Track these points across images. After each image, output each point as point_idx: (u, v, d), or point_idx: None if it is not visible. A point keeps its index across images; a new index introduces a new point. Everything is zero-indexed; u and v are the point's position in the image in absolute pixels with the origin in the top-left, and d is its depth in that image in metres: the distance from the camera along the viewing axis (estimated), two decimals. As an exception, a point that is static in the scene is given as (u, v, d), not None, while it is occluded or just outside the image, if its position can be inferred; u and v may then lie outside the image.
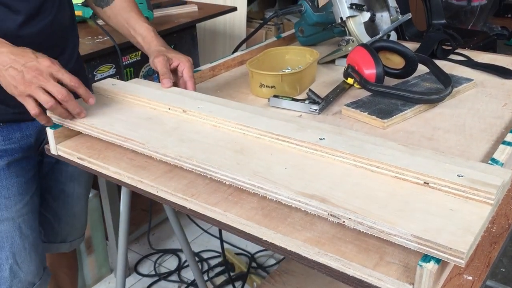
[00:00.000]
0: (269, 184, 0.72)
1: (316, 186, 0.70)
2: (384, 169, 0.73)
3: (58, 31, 1.10)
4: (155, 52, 1.07)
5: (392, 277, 0.61)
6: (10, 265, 1.15)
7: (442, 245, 0.58)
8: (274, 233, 0.70)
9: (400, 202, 0.66)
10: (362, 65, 1.10)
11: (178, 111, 0.95)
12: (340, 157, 0.77)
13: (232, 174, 0.76)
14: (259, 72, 1.14)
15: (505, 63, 1.25)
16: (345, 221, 0.65)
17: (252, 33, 1.45)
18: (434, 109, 1.04)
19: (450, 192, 0.67)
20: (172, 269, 2.08)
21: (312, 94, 1.08)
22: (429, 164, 0.71)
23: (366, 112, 1.00)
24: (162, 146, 0.85)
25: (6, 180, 1.11)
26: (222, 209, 0.76)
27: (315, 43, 1.46)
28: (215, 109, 0.93)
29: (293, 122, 0.86)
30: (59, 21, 1.10)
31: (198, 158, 0.80)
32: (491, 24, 4.51)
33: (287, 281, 1.69)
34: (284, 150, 0.82)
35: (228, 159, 0.79)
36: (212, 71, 1.29)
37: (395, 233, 0.61)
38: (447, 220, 0.62)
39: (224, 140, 0.86)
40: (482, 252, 0.67)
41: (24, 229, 1.16)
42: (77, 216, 1.37)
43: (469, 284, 0.62)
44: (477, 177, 0.67)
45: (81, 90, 0.90)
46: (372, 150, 0.76)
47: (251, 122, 0.87)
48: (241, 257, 2.11)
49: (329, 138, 0.80)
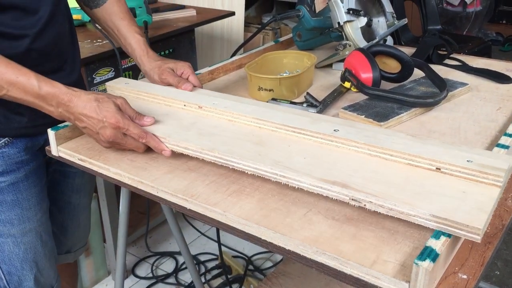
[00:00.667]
0: (291, 172, 0.75)
1: (336, 174, 0.74)
2: (397, 157, 0.77)
3: (59, 44, 1.10)
4: (155, 68, 1.08)
5: (388, 275, 0.63)
6: (34, 274, 1.16)
7: (460, 223, 0.62)
8: (273, 232, 0.72)
9: (416, 187, 0.71)
10: (359, 69, 1.11)
11: (194, 107, 0.98)
12: (355, 146, 0.81)
13: (255, 164, 0.79)
14: (257, 75, 1.16)
15: (499, 68, 1.27)
16: (366, 204, 0.69)
17: (250, 37, 1.47)
18: (430, 113, 1.06)
19: (461, 176, 0.72)
20: (169, 271, 2.09)
21: (310, 98, 1.09)
22: (439, 151, 0.76)
23: (363, 115, 1.02)
24: (183, 139, 0.87)
25: (26, 192, 1.11)
26: (222, 209, 0.77)
27: (312, 47, 1.48)
28: (230, 105, 0.96)
29: (306, 116, 0.91)
30: (61, 34, 1.10)
31: (220, 150, 0.83)
32: (486, 30, 4.55)
33: (284, 283, 1.70)
34: (301, 141, 0.86)
35: (249, 150, 0.83)
36: (211, 75, 1.30)
37: (415, 213, 0.66)
38: (461, 201, 0.67)
39: (241, 133, 0.89)
40: (476, 251, 0.69)
41: (44, 236, 1.17)
42: (81, 226, 1.38)
43: (464, 283, 0.63)
44: (485, 162, 0.72)
45: (152, 143, 0.90)
46: (385, 140, 0.80)
47: (267, 116, 0.91)
48: (238, 259, 2.12)
49: (343, 129, 0.84)
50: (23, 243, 1.12)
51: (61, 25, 1.09)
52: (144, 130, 0.90)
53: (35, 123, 1.04)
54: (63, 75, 1.11)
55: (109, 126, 0.88)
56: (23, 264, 1.13)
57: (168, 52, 1.98)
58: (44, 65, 1.05)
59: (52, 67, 1.08)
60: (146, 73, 1.11)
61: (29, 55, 1.01)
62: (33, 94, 0.91)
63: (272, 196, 0.79)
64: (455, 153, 0.75)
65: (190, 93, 1.03)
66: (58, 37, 1.08)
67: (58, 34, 1.07)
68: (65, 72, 1.12)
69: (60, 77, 1.10)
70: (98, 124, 0.89)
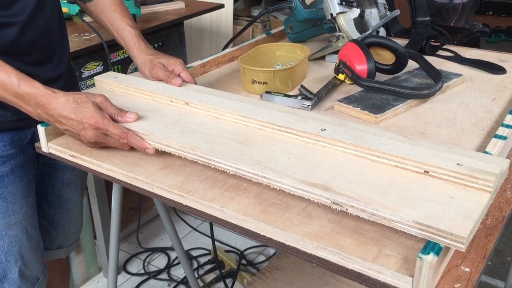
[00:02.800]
0: (273, 173, 0.73)
1: (319, 175, 0.72)
2: (385, 158, 0.74)
3: (48, 33, 1.08)
4: (147, 62, 1.06)
5: (391, 269, 0.62)
6: (19, 267, 1.14)
7: (443, 231, 0.59)
8: (272, 228, 0.70)
9: (401, 190, 0.68)
10: (354, 60, 1.10)
11: (180, 103, 0.96)
12: (342, 147, 0.78)
13: (236, 164, 0.76)
14: (251, 68, 1.14)
15: (492, 59, 1.27)
16: (348, 208, 0.66)
17: (243, 29, 1.45)
18: (425, 104, 1.05)
19: (450, 180, 0.69)
20: (161, 267, 2.07)
21: (304, 90, 1.08)
22: (428, 153, 0.73)
23: (359, 108, 1.01)
24: (166, 137, 0.85)
25: (11, 185, 1.09)
26: (219, 205, 0.75)
27: (304, 39, 1.46)
28: (217, 101, 0.94)
29: (294, 114, 0.88)
30: (49, 23, 1.08)
31: (202, 148, 0.81)
32: (472, 22, 4.57)
33: (278, 277, 1.70)
34: (286, 140, 0.83)
35: (231, 149, 0.80)
36: (202, 68, 1.28)
37: (397, 219, 0.63)
38: (447, 207, 0.64)
39: (226, 131, 0.87)
40: (478, 244, 0.68)
41: (29, 230, 1.16)
42: (73, 221, 1.35)
43: (466, 276, 0.63)
44: (476, 166, 0.69)
45: (133, 142, 0.88)
46: (373, 140, 0.77)
47: (253, 114, 0.88)
48: (231, 254, 2.11)
49: (331, 129, 0.82)
50: (8, 236, 1.11)
51: (49, 13, 1.06)
52: (124, 130, 0.88)
53: (20, 116, 1.02)
54: (52, 67, 1.09)
55: (89, 127, 0.87)
56: (8, 256, 1.12)
57: (158, 46, 1.95)
58: (32, 54, 1.02)
59: (41, 56, 1.05)
60: (138, 67, 1.09)
61: (18, 43, 0.99)
62: (12, 93, 0.90)
63: (269, 190, 0.78)
64: (445, 155, 0.72)
65: (178, 89, 1.01)
66: (46, 25, 1.05)
67: (46, 23, 1.05)
68: (53, 63, 1.10)
69: (49, 69, 1.08)
70: (79, 126, 0.88)
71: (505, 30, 4.69)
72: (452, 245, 0.59)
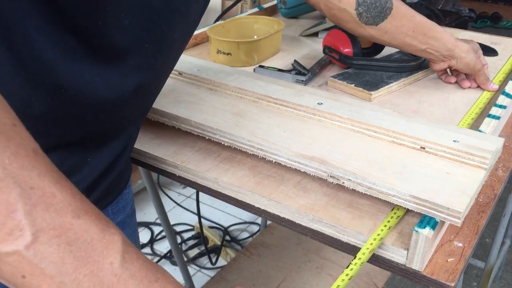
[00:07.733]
0: (269, 145, 0.72)
1: (315, 149, 0.71)
2: (381, 133, 0.74)
3: None
4: None
5: (387, 243, 0.62)
6: None
7: (440, 205, 0.59)
8: (268, 200, 0.70)
9: (398, 165, 0.67)
10: (339, 45, 1.09)
11: (174, 73, 0.94)
12: (338, 121, 0.77)
13: (231, 135, 0.75)
14: (216, 38, 1.12)
15: (483, 41, 1.26)
16: (345, 182, 0.66)
17: (233, 4, 1.42)
18: (419, 83, 1.05)
19: (446, 156, 0.69)
20: (144, 242, 2.06)
21: (298, 65, 1.07)
22: (425, 130, 0.73)
23: (353, 84, 1.00)
24: (160, 106, 0.83)
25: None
26: (214, 176, 0.75)
27: (297, 15, 1.44)
28: (212, 73, 0.92)
29: (289, 87, 0.86)
30: None
31: (196, 118, 0.79)
32: (459, 6, 4.59)
33: (263, 254, 1.71)
34: (282, 114, 0.82)
35: (226, 121, 0.79)
36: (194, 40, 1.26)
37: (394, 193, 0.62)
38: (443, 182, 0.64)
39: (221, 103, 0.85)
40: (470, 220, 0.69)
41: None
42: None
43: (459, 250, 0.64)
44: (472, 143, 0.69)
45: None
46: (370, 116, 0.77)
47: (249, 86, 0.87)
48: (215, 230, 2.12)
49: (327, 103, 0.81)
50: None
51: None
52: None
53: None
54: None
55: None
56: None
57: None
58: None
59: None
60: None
61: None
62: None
63: (264, 163, 0.77)
64: (441, 132, 0.72)
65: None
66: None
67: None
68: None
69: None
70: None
71: (490, 16, 4.71)
72: (448, 220, 0.59)
